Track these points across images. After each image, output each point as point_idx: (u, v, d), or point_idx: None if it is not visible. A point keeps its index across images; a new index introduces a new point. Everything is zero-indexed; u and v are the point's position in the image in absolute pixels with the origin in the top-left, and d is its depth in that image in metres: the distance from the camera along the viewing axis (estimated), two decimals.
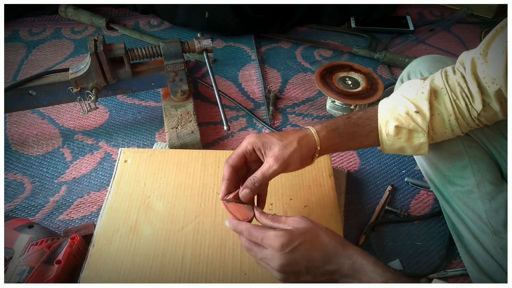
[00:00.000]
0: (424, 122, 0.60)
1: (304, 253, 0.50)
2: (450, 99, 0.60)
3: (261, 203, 0.61)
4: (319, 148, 0.60)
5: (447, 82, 0.61)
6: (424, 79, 0.64)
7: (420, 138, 0.61)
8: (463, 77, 0.60)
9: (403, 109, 0.61)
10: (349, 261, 0.49)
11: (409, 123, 0.60)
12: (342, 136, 0.62)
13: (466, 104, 0.59)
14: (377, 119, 0.63)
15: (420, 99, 0.61)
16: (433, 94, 0.61)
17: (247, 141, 0.59)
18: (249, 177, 0.58)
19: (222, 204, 0.58)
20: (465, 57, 0.61)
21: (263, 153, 0.59)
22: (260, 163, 0.60)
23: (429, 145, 0.63)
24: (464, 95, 0.59)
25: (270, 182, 0.60)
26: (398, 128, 0.61)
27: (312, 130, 0.61)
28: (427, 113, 0.59)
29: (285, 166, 0.57)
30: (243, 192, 0.56)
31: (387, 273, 0.48)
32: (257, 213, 0.56)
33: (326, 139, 0.61)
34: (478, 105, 0.58)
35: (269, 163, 0.57)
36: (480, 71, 0.58)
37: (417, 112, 0.60)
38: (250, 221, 0.56)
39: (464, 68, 0.60)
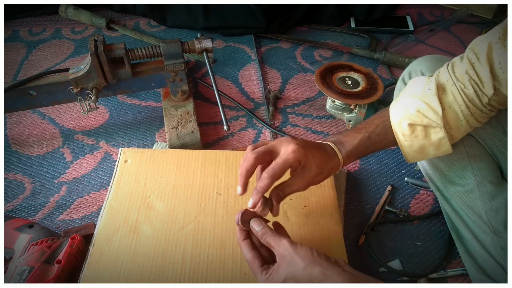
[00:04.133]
0: (437, 116, 0.59)
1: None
2: (458, 89, 0.60)
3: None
4: (337, 172, 0.66)
5: (454, 73, 0.61)
6: (430, 76, 0.64)
7: (438, 133, 0.60)
8: (471, 64, 0.59)
9: (413, 108, 0.61)
10: None
11: (422, 119, 0.60)
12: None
13: (475, 91, 0.59)
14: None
15: (428, 96, 0.60)
16: (441, 88, 0.61)
17: (294, 157, 0.57)
18: (276, 190, 0.59)
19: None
20: (479, 41, 0.60)
21: (298, 170, 0.60)
22: None
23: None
24: (472, 82, 0.59)
25: None
26: (412, 126, 0.61)
27: (341, 158, 0.63)
28: (438, 108, 0.59)
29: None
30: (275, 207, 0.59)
31: None
32: (260, 233, 0.56)
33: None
34: (489, 90, 0.58)
35: (298, 186, 0.60)
36: (497, 55, 0.57)
37: (428, 108, 0.60)
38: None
39: (475, 54, 0.59)
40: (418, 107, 0.60)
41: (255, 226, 0.56)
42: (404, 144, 0.63)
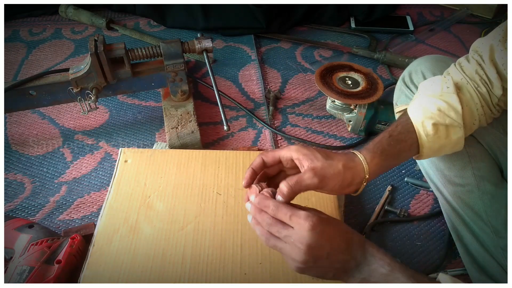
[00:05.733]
0: (458, 115, 0.59)
1: (330, 237, 0.48)
2: (473, 87, 0.60)
3: None
4: (367, 176, 0.56)
5: (464, 72, 0.61)
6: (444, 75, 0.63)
7: (458, 133, 0.60)
8: (479, 64, 0.59)
9: (433, 107, 0.59)
10: (362, 249, 0.49)
11: (444, 119, 0.59)
12: (389, 158, 0.59)
13: (487, 91, 0.59)
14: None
15: (447, 94, 0.60)
16: (457, 87, 0.60)
17: (288, 148, 0.55)
18: (287, 179, 0.52)
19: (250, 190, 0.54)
20: (481, 43, 0.60)
21: (301, 163, 0.54)
22: (296, 170, 0.56)
23: None
24: (483, 81, 0.59)
25: None
26: (435, 126, 0.59)
27: (361, 157, 0.56)
28: (458, 107, 0.58)
29: (322, 184, 0.52)
30: (281, 188, 0.52)
31: (395, 263, 0.48)
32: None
33: (375, 165, 0.57)
34: (497, 91, 0.58)
35: (307, 175, 0.52)
36: (499, 57, 0.57)
37: (448, 107, 0.58)
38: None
39: (479, 55, 0.60)
40: (439, 106, 0.59)
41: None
42: (426, 145, 0.60)
